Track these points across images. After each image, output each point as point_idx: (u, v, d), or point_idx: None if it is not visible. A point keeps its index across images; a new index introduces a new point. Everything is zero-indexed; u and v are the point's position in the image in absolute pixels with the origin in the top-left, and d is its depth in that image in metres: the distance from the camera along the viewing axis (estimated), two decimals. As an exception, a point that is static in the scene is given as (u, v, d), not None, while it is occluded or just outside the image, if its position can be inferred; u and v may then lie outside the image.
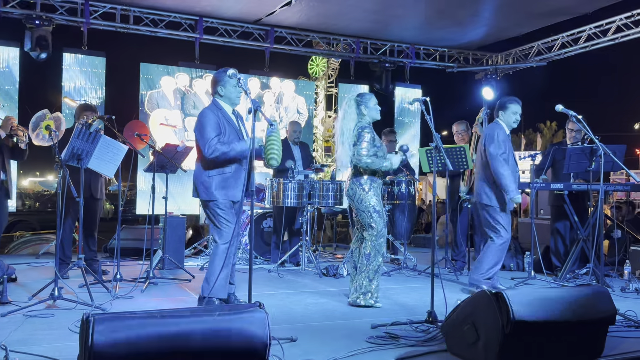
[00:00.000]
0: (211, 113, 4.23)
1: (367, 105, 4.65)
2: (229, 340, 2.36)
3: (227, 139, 4.19)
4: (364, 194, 4.59)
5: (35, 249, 8.37)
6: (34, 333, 3.60)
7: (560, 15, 9.19)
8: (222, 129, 4.20)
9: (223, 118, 4.24)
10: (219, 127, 4.18)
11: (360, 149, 4.51)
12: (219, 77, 4.29)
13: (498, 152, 4.97)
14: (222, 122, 4.22)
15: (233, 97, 4.31)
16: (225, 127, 4.22)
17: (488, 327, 2.99)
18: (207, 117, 4.20)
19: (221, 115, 4.24)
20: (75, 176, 4.67)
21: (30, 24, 8.22)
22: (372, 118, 4.68)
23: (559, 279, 5.93)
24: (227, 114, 4.29)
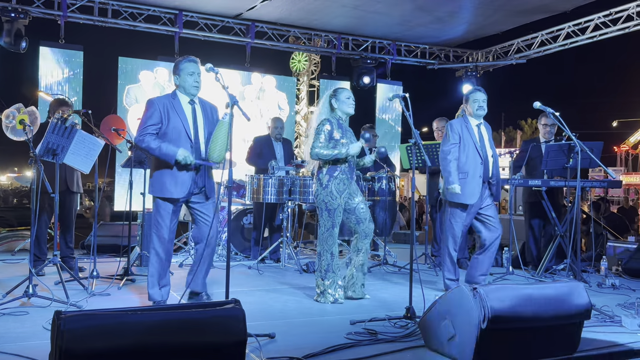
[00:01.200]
0: (158, 101, 4.11)
1: (337, 99, 4.61)
2: (204, 337, 2.33)
3: (165, 129, 4.07)
4: (320, 189, 4.57)
5: (10, 246, 8.22)
6: (7, 331, 3.53)
7: (540, 13, 9.28)
8: (164, 119, 4.06)
9: (171, 108, 4.09)
10: (160, 117, 4.05)
11: (314, 142, 4.51)
12: (174, 65, 4.21)
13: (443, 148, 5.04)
14: (167, 112, 4.07)
15: (187, 86, 4.15)
16: (169, 117, 4.07)
17: (465, 323, 3.00)
18: (150, 105, 4.10)
19: (169, 105, 4.10)
20: (51, 171, 4.59)
21: (5, 17, 8.06)
22: (343, 112, 4.63)
23: (537, 275, 5.99)
24: (179, 104, 4.14)
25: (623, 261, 6.19)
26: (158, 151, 4.01)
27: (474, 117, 5.05)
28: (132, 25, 9.06)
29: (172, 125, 4.08)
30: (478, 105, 5.00)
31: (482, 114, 5.03)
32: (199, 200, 4.23)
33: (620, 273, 6.14)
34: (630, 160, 33.86)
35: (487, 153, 5.01)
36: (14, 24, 8.09)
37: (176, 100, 4.14)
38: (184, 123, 4.11)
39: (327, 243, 4.58)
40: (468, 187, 4.90)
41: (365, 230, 4.68)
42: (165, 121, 4.07)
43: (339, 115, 4.63)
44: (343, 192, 4.55)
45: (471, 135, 4.98)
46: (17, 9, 8.14)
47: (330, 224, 4.55)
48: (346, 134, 4.61)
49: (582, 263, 5.98)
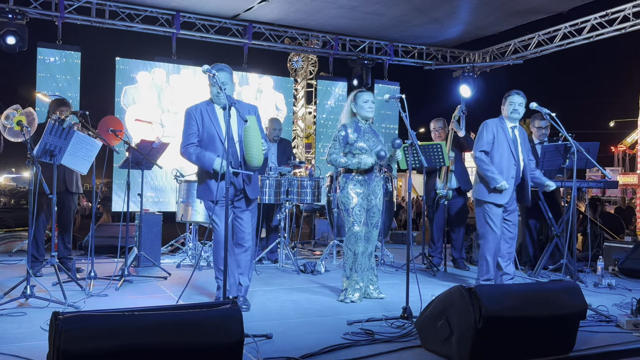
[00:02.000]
0: (192, 110, 4.23)
1: (356, 104, 4.68)
2: (202, 338, 2.34)
3: (201, 135, 4.19)
4: (340, 193, 4.71)
5: (8, 247, 8.22)
6: (5, 332, 3.54)
7: (537, 13, 9.31)
8: (199, 125, 4.19)
9: (206, 114, 4.20)
10: (196, 124, 4.19)
11: (329, 147, 4.68)
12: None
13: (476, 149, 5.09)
14: (202, 118, 4.19)
15: (213, 95, 4.23)
16: (204, 123, 4.19)
17: (461, 323, 3.01)
18: (187, 115, 4.25)
19: (205, 112, 4.21)
20: (48, 172, 4.59)
21: (3, 18, 8.06)
22: (361, 116, 4.68)
23: (533, 275, 6.01)
24: (213, 111, 4.24)
25: (619, 261, 6.22)
26: (198, 163, 4.19)
27: (508, 119, 5.10)
28: (130, 26, 9.06)
29: (206, 131, 4.19)
30: (513, 108, 5.05)
31: (517, 117, 5.08)
32: (239, 206, 4.29)
33: (617, 273, 6.16)
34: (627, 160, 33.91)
35: (520, 156, 5.07)
36: (11, 24, 8.08)
37: (211, 107, 4.25)
38: (217, 129, 4.18)
39: (350, 242, 4.66)
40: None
41: (367, 234, 4.72)
42: (200, 127, 4.19)
43: (358, 119, 4.69)
44: (360, 193, 4.63)
45: (506, 135, 5.04)
46: (15, 9, 8.14)
47: (351, 223, 4.63)
48: (364, 137, 4.63)
49: (578, 263, 6.00)
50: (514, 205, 5.10)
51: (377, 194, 4.72)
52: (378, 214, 4.75)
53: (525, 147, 5.15)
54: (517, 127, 5.13)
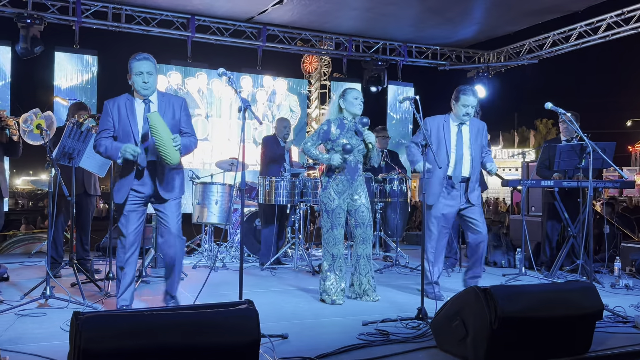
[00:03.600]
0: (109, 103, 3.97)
1: (345, 99, 4.62)
2: (219, 337, 2.37)
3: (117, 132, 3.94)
4: (321, 192, 4.66)
5: (27, 248, 8.36)
6: (25, 332, 3.60)
7: (551, 13, 9.25)
8: (115, 119, 3.92)
9: (124, 107, 3.93)
10: (111, 118, 3.92)
11: (307, 138, 4.64)
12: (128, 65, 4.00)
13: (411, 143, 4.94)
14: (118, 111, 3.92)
15: (135, 86, 3.95)
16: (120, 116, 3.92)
17: (476, 323, 3.02)
18: (104, 106, 3.98)
19: (123, 105, 3.94)
20: (67, 175, 4.67)
21: (21, 23, 8.20)
22: (350, 112, 4.62)
23: (550, 275, 5.98)
24: (132, 104, 3.97)
25: (637, 262, 6.16)
26: (105, 154, 3.91)
27: (457, 119, 4.85)
28: (145, 30, 9.17)
29: (122, 127, 3.93)
30: (466, 111, 4.77)
31: (467, 120, 4.84)
32: (158, 202, 4.06)
33: (634, 274, 6.11)
34: (645, 160, 33.49)
35: (464, 153, 4.83)
36: (30, 30, 8.22)
37: (130, 101, 3.98)
38: (132, 125, 3.92)
39: (328, 244, 4.59)
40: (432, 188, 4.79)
41: (362, 235, 4.65)
42: (116, 123, 3.92)
43: (344, 116, 4.64)
44: (343, 194, 4.56)
45: (446, 134, 4.82)
46: (33, 15, 8.28)
47: (329, 225, 4.56)
48: (347, 134, 4.57)
49: (595, 263, 5.96)
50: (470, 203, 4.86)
51: (360, 193, 4.64)
52: (368, 212, 4.65)
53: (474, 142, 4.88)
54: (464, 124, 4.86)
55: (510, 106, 39.13)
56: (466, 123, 4.88)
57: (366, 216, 4.64)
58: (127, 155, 3.80)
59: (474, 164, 4.88)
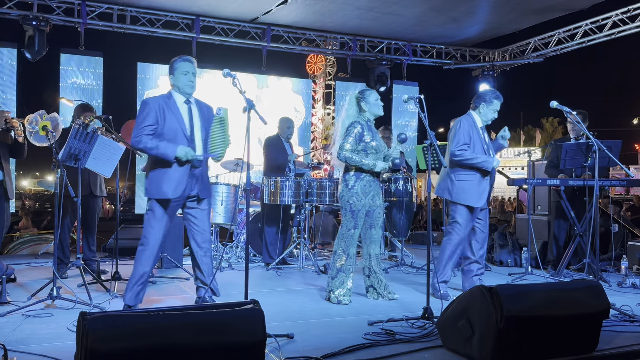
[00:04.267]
0: (153, 102, 4.05)
1: (367, 101, 4.63)
2: (224, 337, 2.38)
3: (161, 130, 4.02)
4: (345, 190, 4.59)
5: (34, 249, 8.39)
6: (32, 332, 3.62)
7: (556, 11, 9.22)
8: (160, 119, 4.00)
9: (166, 108, 4.03)
10: (155, 117, 3.99)
11: (343, 142, 4.53)
12: (169, 65, 4.16)
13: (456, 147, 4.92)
14: (162, 112, 4.01)
15: (181, 85, 4.09)
16: (165, 117, 4.01)
17: (482, 322, 3.01)
18: (145, 105, 4.04)
19: (164, 105, 4.04)
20: (73, 176, 4.69)
21: (27, 25, 8.23)
22: (372, 114, 4.66)
23: (556, 274, 5.96)
24: (174, 104, 4.09)
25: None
26: (156, 150, 3.95)
27: (482, 120, 4.98)
28: (150, 31, 9.20)
29: (168, 125, 4.02)
30: (495, 116, 4.98)
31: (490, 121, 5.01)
32: (193, 205, 4.19)
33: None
34: (651, 158, 33.33)
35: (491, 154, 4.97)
36: (36, 31, 8.25)
37: (171, 100, 4.09)
38: (180, 123, 4.05)
39: (346, 243, 4.59)
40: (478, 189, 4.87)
41: (375, 235, 4.69)
42: (161, 121, 4.00)
43: (367, 118, 4.66)
44: (369, 194, 4.59)
45: (479, 135, 4.93)
46: (38, 17, 8.31)
47: (352, 225, 4.57)
48: (375, 137, 4.62)
49: (602, 262, 5.94)
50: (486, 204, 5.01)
51: (379, 194, 4.71)
52: (382, 214, 4.77)
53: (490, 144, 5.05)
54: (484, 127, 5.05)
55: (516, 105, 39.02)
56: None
57: (381, 217, 4.72)
58: (182, 158, 3.95)
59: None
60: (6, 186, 4.83)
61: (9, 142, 4.84)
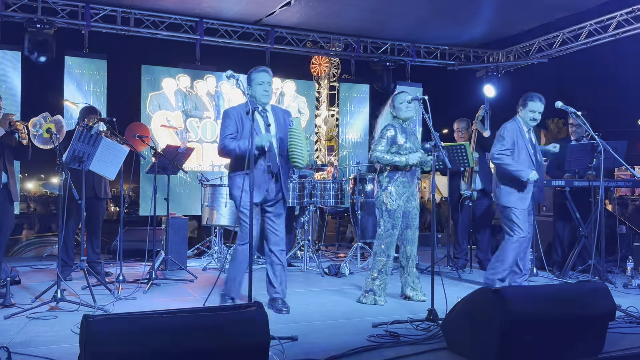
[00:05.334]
0: (233, 111, 4.33)
1: (394, 106, 4.70)
2: (228, 340, 2.37)
3: (240, 137, 4.25)
4: (379, 191, 4.68)
5: (39, 251, 8.43)
6: (36, 335, 3.62)
7: (561, 11, 9.18)
8: (239, 127, 4.26)
9: (245, 117, 4.24)
10: (236, 125, 4.26)
11: (375, 145, 4.66)
12: (247, 76, 4.39)
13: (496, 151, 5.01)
14: (242, 121, 4.26)
15: (258, 95, 4.30)
16: (244, 125, 4.24)
17: (486, 325, 3.00)
18: (226, 116, 4.34)
19: (243, 114, 4.25)
20: (77, 178, 4.69)
21: (31, 28, 8.25)
22: (401, 117, 4.69)
23: (562, 276, 5.93)
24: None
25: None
26: (239, 149, 4.16)
27: (524, 124, 5.07)
28: (154, 34, 9.20)
29: (246, 133, 4.19)
30: (534, 117, 5.03)
31: (534, 124, 5.08)
32: (273, 209, 4.38)
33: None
34: (657, 159, 33.18)
35: (538, 158, 5.07)
36: (40, 34, 8.27)
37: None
38: (257, 131, 4.21)
39: (387, 244, 4.64)
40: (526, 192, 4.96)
41: (412, 236, 4.77)
42: (240, 129, 4.24)
43: (400, 121, 4.71)
44: (403, 195, 4.64)
45: (524, 139, 5.01)
46: (43, 19, 8.33)
47: (390, 225, 4.62)
48: (410, 138, 4.68)
49: (607, 264, 5.90)
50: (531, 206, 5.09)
51: (415, 196, 4.76)
52: (418, 215, 4.80)
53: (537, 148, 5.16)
54: (531, 130, 5.14)
55: (520, 106, 38.80)
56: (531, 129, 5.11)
57: (416, 219, 4.79)
58: (264, 143, 4.12)
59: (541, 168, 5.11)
60: (10, 189, 4.83)
61: (13, 145, 4.84)
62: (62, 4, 8.52)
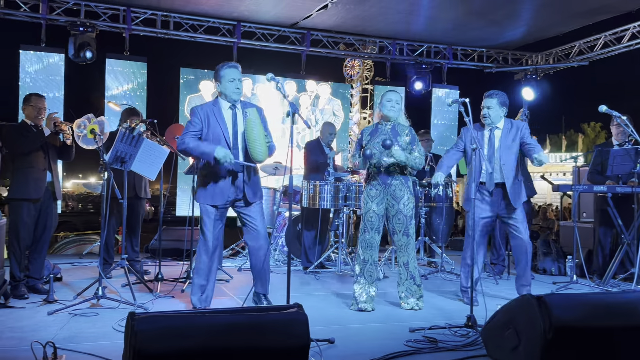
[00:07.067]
0: (200, 109, 4.19)
1: (381, 103, 4.64)
2: (269, 340, 2.38)
3: (206, 136, 4.15)
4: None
5: (79, 249, 8.62)
6: (79, 331, 3.70)
7: (602, 13, 8.97)
8: (204, 125, 4.13)
9: (212, 114, 4.16)
10: (201, 123, 4.13)
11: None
12: (215, 72, 4.26)
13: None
14: (207, 118, 4.14)
15: (229, 92, 4.19)
16: (209, 123, 4.14)
17: (530, 332, 2.93)
18: (192, 113, 4.20)
19: (210, 112, 4.16)
20: (119, 178, 4.79)
21: (74, 31, 8.47)
22: (386, 116, 4.57)
23: (602, 284, 5.78)
24: (219, 110, 4.20)
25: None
26: (197, 150, 4.07)
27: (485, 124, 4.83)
28: (193, 37, 9.34)
29: (212, 131, 4.16)
30: (482, 113, 4.80)
31: (488, 122, 4.78)
32: (243, 204, 4.29)
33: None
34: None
35: (495, 159, 4.74)
36: (83, 37, 8.49)
37: (217, 107, 4.21)
38: (223, 128, 4.16)
39: (361, 247, 4.59)
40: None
41: (397, 241, 4.56)
42: (205, 127, 4.14)
43: (381, 122, 4.63)
44: (375, 198, 4.53)
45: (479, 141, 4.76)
46: (85, 23, 8.54)
47: (362, 228, 4.58)
48: (373, 141, 4.53)
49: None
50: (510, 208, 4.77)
51: (399, 198, 4.50)
52: (406, 220, 4.50)
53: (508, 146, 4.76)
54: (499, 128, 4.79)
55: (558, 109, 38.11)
56: (498, 127, 4.80)
57: (403, 224, 4.51)
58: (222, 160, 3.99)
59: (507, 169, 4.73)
60: (54, 187, 4.96)
61: (57, 145, 4.98)
62: (104, 7, 8.72)
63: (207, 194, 4.19)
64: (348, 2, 8.52)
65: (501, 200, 4.78)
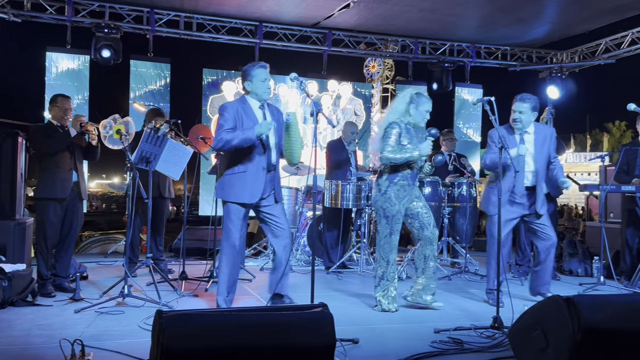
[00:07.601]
0: (231, 106, 4.13)
1: (417, 108, 4.45)
2: (296, 339, 2.38)
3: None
4: (378, 196, 4.48)
5: (103, 248, 8.74)
6: (106, 329, 3.75)
7: (629, 10, 8.79)
8: (238, 123, 4.07)
9: (243, 112, 4.11)
10: (234, 120, 4.06)
11: (383, 145, 4.38)
12: (245, 72, 4.20)
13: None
14: (241, 116, 4.09)
15: (260, 92, 4.16)
16: (242, 121, 4.08)
17: (558, 334, 2.88)
18: (224, 110, 4.12)
19: (241, 110, 4.12)
20: (144, 178, 4.83)
21: (99, 32, 8.59)
22: (415, 122, 4.47)
23: (630, 285, 5.67)
24: (249, 109, 4.15)
25: None
26: (237, 139, 3.95)
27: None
28: (215, 38, 9.41)
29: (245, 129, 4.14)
30: (513, 117, 4.73)
31: (519, 127, 4.73)
32: (269, 203, 4.24)
33: None
34: None
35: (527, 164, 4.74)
36: (104, 38, 8.60)
37: (247, 105, 4.16)
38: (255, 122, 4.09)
39: (384, 250, 4.47)
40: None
41: (429, 235, 4.50)
42: (239, 124, 4.07)
43: (408, 121, 4.48)
44: (403, 199, 4.44)
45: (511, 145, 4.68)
46: (110, 24, 8.65)
47: (388, 231, 4.44)
48: (412, 141, 4.43)
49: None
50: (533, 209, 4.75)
51: (419, 198, 4.53)
52: (430, 213, 4.54)
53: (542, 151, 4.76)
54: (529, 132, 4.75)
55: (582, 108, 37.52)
56: (528, 131, 4.75)
57: (430, 217, 4.53)
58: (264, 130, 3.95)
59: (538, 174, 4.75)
60: (80, 187, 5.02)
61: (83, 145, 5.04)
62: (128, 9, 8.82)
63: (238, 192, 4.10)
64: (370, 1, 8.49)
65: (529, 204, 4.76)
